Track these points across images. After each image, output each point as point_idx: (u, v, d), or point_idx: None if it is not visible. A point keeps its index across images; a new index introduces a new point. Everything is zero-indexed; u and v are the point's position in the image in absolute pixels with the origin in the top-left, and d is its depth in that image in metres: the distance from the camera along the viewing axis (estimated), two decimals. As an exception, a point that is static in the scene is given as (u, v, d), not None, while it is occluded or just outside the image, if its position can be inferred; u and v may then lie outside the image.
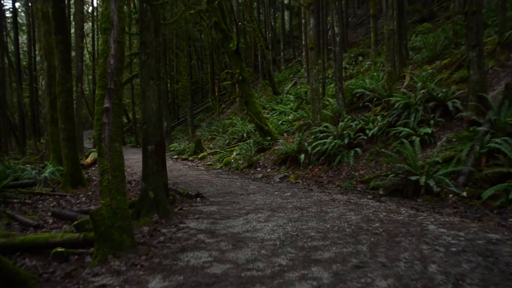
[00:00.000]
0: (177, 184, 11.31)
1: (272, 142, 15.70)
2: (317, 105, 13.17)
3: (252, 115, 16.44)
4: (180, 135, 35.72)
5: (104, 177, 4.77)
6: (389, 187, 8.50)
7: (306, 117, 16.46)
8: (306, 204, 7.49)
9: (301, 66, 28.95)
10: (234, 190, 9.78)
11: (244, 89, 16.63)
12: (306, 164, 12.23)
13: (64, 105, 11.34)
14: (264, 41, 29.72)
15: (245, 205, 7.62)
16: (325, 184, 10.20)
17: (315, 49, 13.11)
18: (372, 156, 10.74)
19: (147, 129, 6.65)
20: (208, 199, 8.53)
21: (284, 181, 11.29)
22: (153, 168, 6.62)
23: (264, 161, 14.43)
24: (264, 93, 29.12)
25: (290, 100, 21.99)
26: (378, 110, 12.35)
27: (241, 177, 12.94)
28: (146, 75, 6.68)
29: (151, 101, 6.64)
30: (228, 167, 15.89)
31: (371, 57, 20.91)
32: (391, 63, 13.63)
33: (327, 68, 21.96)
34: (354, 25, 34.50)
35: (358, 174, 10.18)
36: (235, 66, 16.65)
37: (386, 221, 5.81)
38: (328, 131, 12.49)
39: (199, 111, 42.72)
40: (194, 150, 22.69)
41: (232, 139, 21.62)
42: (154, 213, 6.46)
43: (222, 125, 26.94)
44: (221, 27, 16.61)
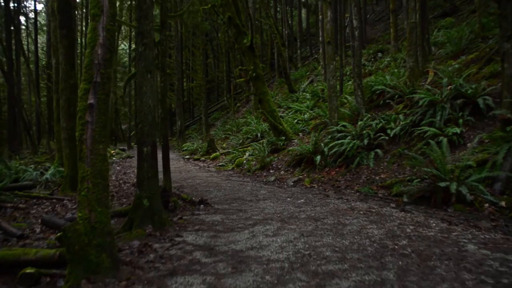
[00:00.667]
0: (183, 187, 10.57)
1: (287, 142, 14.88)
2: (334, 102, 12.31)
3: (266, 113, 15.63)
4: (194, 134, 35.08)
5: (83, 185, 4.04)
6: (414, 194, 7.63)
7: (323, 115, 15.61)
8: (322, 213, 6.66)
9: (318, 64, 28.14)
10: (242, 195, 8.98)
11: (258, 87, 15.82)
12: (322, 166, 11.41)
13: (66, 102, 10.66)
14: (280, 38, 28.91)
15: (252, 214, 6.82)
16: (342, 189, 9.36)
17: (332, 44, 12.26)
18: (394, 159, 9.87)
19: (142, 129, 5.89)
20: (213, 206, 7.73)
21: (298, 185, 10.47)
22: (149, 172, 5.86)
23: (277, 162, 13.62)
24: (280, 91, 28.39)
25: (306, 98, 21.15)
26: (400, 108, 11.47)
27: (252, 180, 12.15)
28: (143, 68, 5.92)
29: (147, 97, 5.88)
30: (240, 168, 15.11)
31: (391, 53, 19.97)
32: (413, 58, 12.72)
33: (345, 65, 21.10)
34: (372, 21, 33.55)
35: (379, 178, 9.31)
36: (249, 62, 15.86)
37: (414, 237, 4.96)
38: (346, 131, 11.64)
39: (214, 109, 42.07)
40: (207, 150, 21.96)
41: (245, 139, 20.84)
42: (148, 224, 5.70)
43: (236, 124, 26.21)
44: (235, 22, 15.83)
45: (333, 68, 12.26)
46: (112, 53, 4.40)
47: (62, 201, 9.45)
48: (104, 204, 4.06)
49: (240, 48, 16.28)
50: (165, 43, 8.62)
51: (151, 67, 6.00)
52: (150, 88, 5.91)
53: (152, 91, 5.96)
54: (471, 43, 13.98)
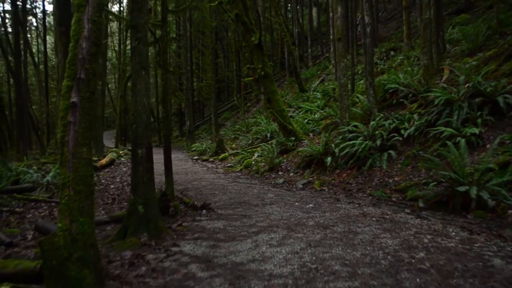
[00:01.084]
0: (188, 190, 10.17)
1: (297, 143, 14.42)
2: (345, 102, 11.84)
3: (275, 113, 15.18)
4: (204, 135, 34.73)
5: (63, 192, 3.66)
6: (430, 199, 7.14)
7: (334, 115, 15.14)
8: (331, 220, 6.21)
9: (329, 63, 27.63)
10: (248, 199, 8.53)
11: (266, 86, 15.38)
12: (332, 168, 10.95)
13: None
14: (290, 37, 28.42)
15: (257, 221, 6.38)
16: (354, 192, 8.88)
17: (343, 40, 11.78)
18: (408, 160, 9.38)
19: (136, 130, 5.47)
20: (216, 211, 7.30)
21: (307, 188, 10.00)
22: (144, 176, 5.44)
23: (286, 163, 13.17)
24: (291, 90, 27.94)
25: (317, 98, 20.66)
26: (415, 107, 10.96)
27: (260, 182, 11.71)
28: (137, 64, 5.50)
29: (142, 96, 5.46)
30: (248, 170, 14.68)
31: (404, 51, 19.41)
32: (428, 56, 12.19)
33: (356, 64, 20.61)
34: (384, 19, 32.95)
35: (392, 181, 8.83)
36: (257, 60, 15.43)
37: (433, 249, 4.49)
38: (357, 131, 11.17)
39: (224, 109, 41.71)
40: (215, 151, 21.56)
41: (255, 139, 20.41)
42: (143, 232, 5.29)
43: (246, 124, 25.82)
44: (243, 19, 15.41)
45: (344, 66, 11.79)
46: (99, 47, 4.00)
47: (61, 204, 9.09)
48: (87, 213, 3.66)
49: (248, 46, 15.85)
50: (166, 39, 8.21)
51: (146, 64, 5.58)
52: (145, 86, 5.50)
53: (147, 89, 5.54)
54: (489, 39, 13.40)
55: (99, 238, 5.82)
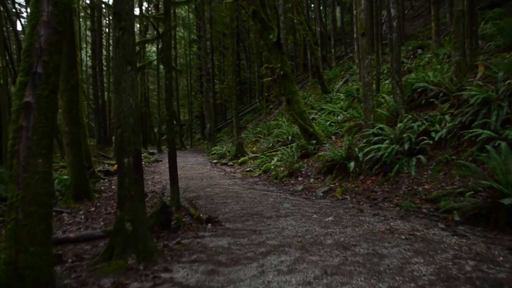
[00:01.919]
0: (199, 198, 9.44)
1: (318, 146, 13.56)
2: (370, 102, 10.95)
3: (295, 115, 14.37)
4: (225, 137, 34.15)
5: (10, 215, 2.91)
6: (467, 212, 6.22)
7: (358, 117, 14.26)
8: (353, 238, 5.36)
9: (353, 63, 26.68)
10: (262, 210, 7.71)
11: (286, 86, 14.57)
12: (356, 174, 10.09)
13: (67, 105, 9.72)
14: (312, 36, 27.54)
15: (268, 238, 5.57)
16: (379, 202, 8.00)
17: (367, 36, 10.91)
18: (440, 166, 8.45)
19: (122, 135, 4.71)
20: (223, 225, 6.50)
21: (328, 196, 9.15)
22: (131, 189, 4.69)
23: (307, 169, 12.33)
24: (313, 92, 27.10)
25: (340, 99, 19.78)
26: (446, 107, 10.02)
27: (278, 188, 10.90)
28: (121, 58, 4.74)
29: (127, 95, 4.70)
30: (266, 175, 13.89)
31: (432, 49, 18.38)
32: (460, 52, 11.22)
33: (381, 63, 19.64)
34: (411, 17, 31.77)
35: (422, 190, 7.92)
36: (275, 59, 14.64)
37: (479, 281, 3.61)
38: (383, 134, 10.28)
39: (246, 112, 41.05)
40: (235, 154, 20.87)
41: (276, 142, 19.63)
42: (131, 253, 4.55)
43: (267, 126, 25.08)
44: (260, 16, 14.66)
45: (368, 64, 10.90)
46: (63, 35, 3.26)
47: (61, 214, 8.46)
48: (40, 241, 2.95)
49: (266, 45, 15.08)
50: (169, 34, 7.48)
51: (132, 58, 4.81)
52: (131, 84, 4.73)
53: (133, 87, 4.77)
54: (526, 34, 12.37)
55: (87, 257, 5.12)
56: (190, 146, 41.32)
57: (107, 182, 13.65)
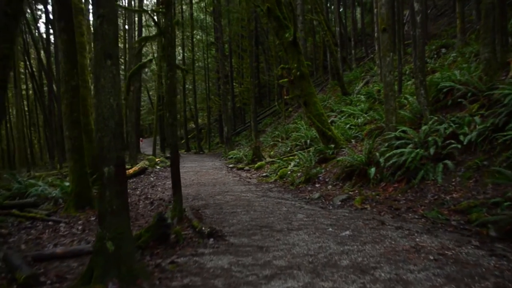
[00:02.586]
0: (207, 207, 8.81)
1: (337, 151, 12.83)
2: (392, 103, 10.19)
3: (312, 117, 13.65)
4: (244, 141, 33.55)
5: None
6: (504, 225, 5.47)
7: (379, 119, 13.49)
8: (373, 257, 4.65)
9: (373, 64, 25.85)
10: (273, 221, 7.02)
11: (303, 87, 13.87)
12: (377, 180, 9.36)
13: (68, 107, 9.19)
14: (332, 37, 26.77)
15: (275, 257, 4.89)
16: (402, 212, 7.26)
17: (388, 31, 10.17)
18: (469, 173, 7.68)
19: (101, 140, 4.09)
20: (227, 239, 5.83)
21: (346, 205, 8.43)
22: (113, 203, 4.07)
23: (324, 174, 11.62)
24: (333, 94, 26.34)
25: (360, 101, 18.99)
26: (475, 108, 9.22)
27: (293, 196, 10.22)
28: (100, 51, 4.12)
29: (107, 94, 4.08)
30: (283, 180, 13.21)
31: (457, 48, 17.47)
32: (489, 48, 10.37)
33: (403, 63, 18.81)
34: (434, 16, 30.75)
35: (450, 199, 7.17)
36: (292, 59, 13.95)
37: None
38: (406, 137, 9.52)
39: (265, 115, 40.43)
40: (252, 158, 20.24)
41: (294, 146, 18.94)
42: (113, 277, 3.93)
43: (286, 130, 24.41)
44: (275, 14, 14.01)
45: (390, 62, 10.16)
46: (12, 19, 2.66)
47: (59, 223, 7.93)
48: None
49: (282, 44, 14.40)
50: (171, 29, 6.87)
51: (113, 50, 4.18)
52: (112, 81, 4.11)
53: (115, 84, 4.15)
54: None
55: (70, 277, 4.55)
56: (209, 150, 40.84)
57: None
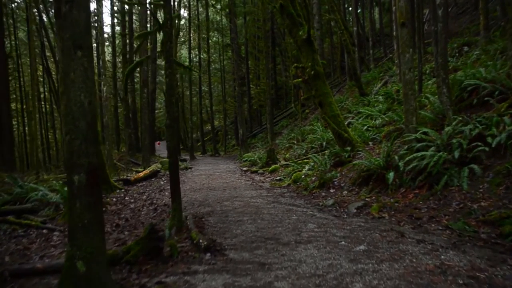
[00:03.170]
0: (212, 214, 8.22)
1: (353, 154, 12.14)
2: (412, 103, 9.48)
3: (328, 118, 12.99)
4: (260, 143, 32.98)
5: None
6: (544, 240, 4.79)
7: (398, 120, 12.77)
8: (391, 280, 3.98)
9: (392, 63, 25.07)
10: (280, 232, 6.37)
11: (317, 87, 13.21)
12: (396, 186, 8.67)
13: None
14: (349, 37, 26.03)
15: (277, 277, 4.25)
16: (424, 222, 6.57)
17: (407, 26, 9.47)
18: (499, 178, 6.96)
19: (70, 143, 3.52)
20: (227, 254, 5.18)
21: (362, 213, 7.75)
22: (84, 217, 3.49)
23: (340, 179, 10.96)
24: (351, 95, 25.66)
25: (378, 101, 18.25)
26: (504, 107, 8.47)
27: (306, 202, 9.57)
28: (68, 41, 3.54)
29: (77, 89, 3.50)
30: (296, 185, 12.57)
31: (481, 45, 16.65)
32: (518, 44, 9.66)
33: (423, 62, 18.02)
34: (455, 14, 29.84)
35: (478, 208, 6.46)
36: (306, 58, 13.31)
37: None
38: (428, 140, 8.82)
39: (282, 117, 39.84)
40: (266, 161, 19.61)
41: (309, 148, 18.30)
42: (84, 304, 3.35)
43: (301, 132, 23.75)
44: (289, 11, 13.39)
45: (409, 58, 9.45)
46: None
47: (53, 231, 7.42)
48: None
49: (295, 42, 13.76)
50: (170, 24, 6.30)
51: (83, 40, 3.58)
52: (83, 75, 3.52)
53: (86, 79, 3.56)
54: None
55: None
56: (224, 152, 40.38)
57: (123, 193, 12.64)
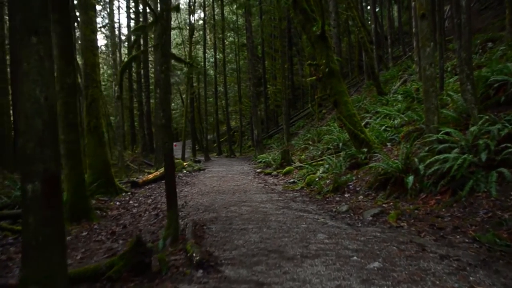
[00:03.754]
0: (215, 221, 7.61)
1: (370, 155, 11.44)
2: (433, 101, 8.75)
3: (343, 118, 12.31)
4: (275, 144, 32.34)
5: None
6: None
7: (418, 120, 12.03)
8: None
9: (411, 61, 24.23)
10: (286, 244, 5.68)
11: (332, 85, 12.52)
12: (416, 191, 7.97)
13: (63, 108, 8.16)
14: (367, 34, 25.24)
15: (275, 302, 3.66)
16: (448, 232, 5.87)
17: (428, 18, 8.74)
18: (532, 184, 6.25)
19: (24, 147, 2.92)
20: (222, 271, 4.53)
21: (378, 221, 7.06)
22: (38, 234, 2.88)
23: (355, 182, 10.28)
24: (369, 94, 24.91)
25: (397, 101, 17.48)
26: (536, 105, 7.76)
27: (319, 208, 8.90)
28: (21, 25, 2.91)
29: (32, 83, 2.88)
30: (309, 188, 11.90)
31: (507, 41, 15.76)
32: (549, 37, 8.87)
33: (445, 60, 17.18)
34: (477, 10, 28.81)
35: (509, 217, 5.75)
36: (320, 55, 12.64)
37: None
38: (451, 140, 8.10)
39: (299, 117, 39.23)
40: (280, 163, 19.00)
41: (325, 150, 17.61)
42: None
43: (318, 132, 23.07)
44: (302, 6, 12.75)
45: (430, 53, 8.72)
46: None
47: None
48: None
49: (309, 39, 13.10)
50: (167, 15, 5.72)
51: (39, 24, 2.94)
52: (39, 65, 2.90)
53: (43, 70, 2.93)
54: None
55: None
56: (240, 153, 39.84)
57: (128, 196, 12.12)
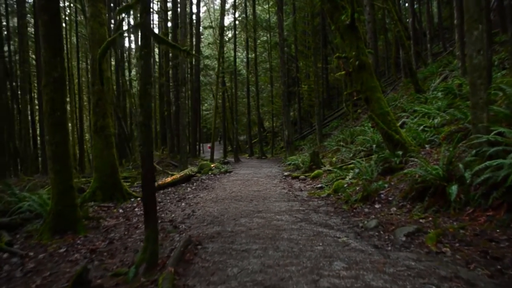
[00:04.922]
0: (216, 238, 6.42)
1: (405, 159, 10.03)
2: (482, 94, 7.26)
3: (375, 117, 10.91)
4: (308, 145, 31.05)
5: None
6: None
7: (462, 118, 10.52)
8: None
9: (453, 57, 22.50)
10: (290, 277, 4.28)
11: (363, 80, 11.13)
12: (460, 204, 6.57)
13: (49, 104, 7.11)
14: (403, 29, 23.64)
15: None
16: (507, 265, 4.47)
17: (476, -4, 7.32)
18: None
19: None
20: None
21: (413, 243, 5.64)
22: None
23: (388, 190, 8.90)
24: (406, 92, 23.33)
25: (437, 98, 15.87)
26: None
27: (343, 221, 7.53)
28: None
29: None
30: (336, 196, 10.57)
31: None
32: None
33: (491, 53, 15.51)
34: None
35: None
36: (349, 47, 11.29)
37: None
38: (505, 142, 6.66)
39: (333, 118, 37.81)
40: (309, 166, 17.68)
41: (358, 151, 16.21)
42: None
43: (351, 133, 21.64)
44: (329, -7, 11.44)
45: (478, 37, 7.26)
46: None
47: (14, 256, 5.84)
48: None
49: (337, 29, 11.71)
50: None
51: None
52: None
53: None
54: None
55: None
56: (272, 154, 38.67)
57: (137, 202, 11.07)
